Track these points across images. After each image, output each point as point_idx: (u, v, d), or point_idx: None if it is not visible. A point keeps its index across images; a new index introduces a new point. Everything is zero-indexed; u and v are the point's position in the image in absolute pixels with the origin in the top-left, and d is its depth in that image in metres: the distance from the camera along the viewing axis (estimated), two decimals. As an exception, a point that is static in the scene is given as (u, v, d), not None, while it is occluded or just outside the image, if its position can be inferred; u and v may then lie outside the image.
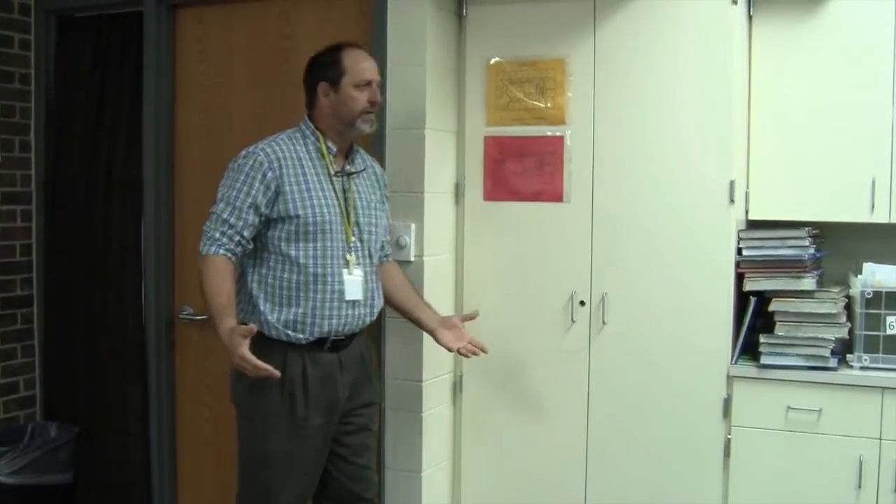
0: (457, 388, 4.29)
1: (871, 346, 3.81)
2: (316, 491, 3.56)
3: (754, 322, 3.95)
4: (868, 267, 3.92)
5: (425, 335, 3.87)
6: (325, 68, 3.46)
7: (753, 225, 4.05)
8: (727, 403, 3.87)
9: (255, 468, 3.42)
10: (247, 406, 3.44)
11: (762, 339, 3.86)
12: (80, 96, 4.75)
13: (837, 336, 3.81)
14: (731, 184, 3.82)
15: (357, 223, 3.48)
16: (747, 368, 3.86)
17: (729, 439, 3.88)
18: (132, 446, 4.69)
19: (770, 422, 3.83)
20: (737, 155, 3.89)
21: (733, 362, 3.88)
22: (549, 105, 4.08)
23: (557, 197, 4.07)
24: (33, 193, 4.93)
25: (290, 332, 3.36)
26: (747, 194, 4.07)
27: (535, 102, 4.10)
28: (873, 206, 3.92)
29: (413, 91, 3.99)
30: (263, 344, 3.31)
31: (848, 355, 3.86)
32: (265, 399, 3.36)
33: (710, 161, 3.84)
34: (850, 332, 3.85)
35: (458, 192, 4.24)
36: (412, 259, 4.02)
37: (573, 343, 4.07)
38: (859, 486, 3.72)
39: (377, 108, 3.50)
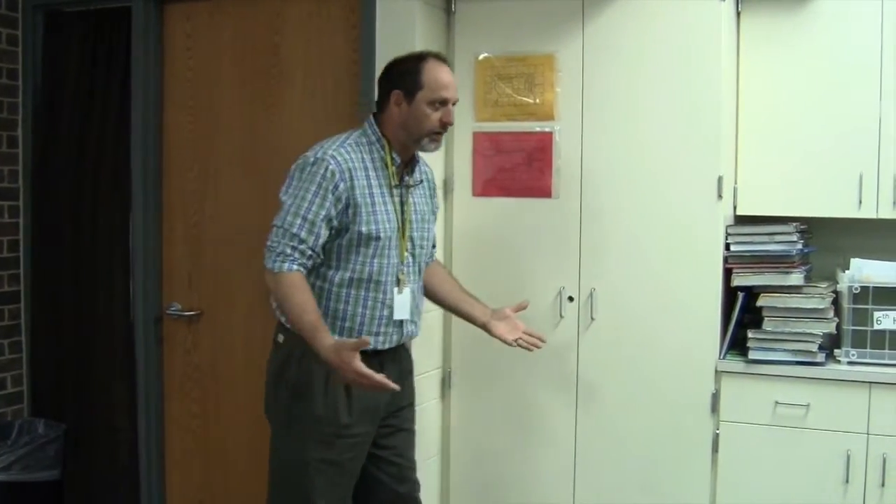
0: (446, 383, 4.29)
1: (859, 341, 3.82)
2: (362, 496, 3.45)
3: (742, 317, 3.96)
4: (855, 262, 3.93)
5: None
6: (402, 77, 3.30)
7: (741, 220, 4.06)
8: (715, 399, 3.88)
9: (293, 476, 3.30)
10: (286, 414, 3.31)
11: (750, 334, 3.88)
12: (67, 92, 4.73)
13: (825, 331, 3.84)
14: (720, 179, 3.83)
15: (411, 237, 3.38)
16: (735, 364, 3.88)
17: (717, 434, 3.89)
18: (120, 442, 4.68)
19: (758, 417, 3.85)
20: (725, 151, 3.90)
21: (721, 357, 3.89)
22: (537, 101, 4.09)
23: (546, 193, 4.07)
24: (20, 189, 4.91)
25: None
26: (735, 190, 4.08)
27: (523, 98, 4.10)
28: (860, 202, 3.94)
29: (402, 87, 4.00)
30: (307, 349, 3.19)
31: (836, 350, 3.88)
32: (308, 406, 3.25)
33: (698, 157, 3.85)
34: (838, 327, 3.87)
35: (447, 188, 4.23)
36: (401, 255, 4.01)
37: (562, 339, 4.08)
38: (847, 481, 3.73)
39: (447, 129, 3.37)
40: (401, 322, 3.38)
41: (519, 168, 4.11)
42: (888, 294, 3.81)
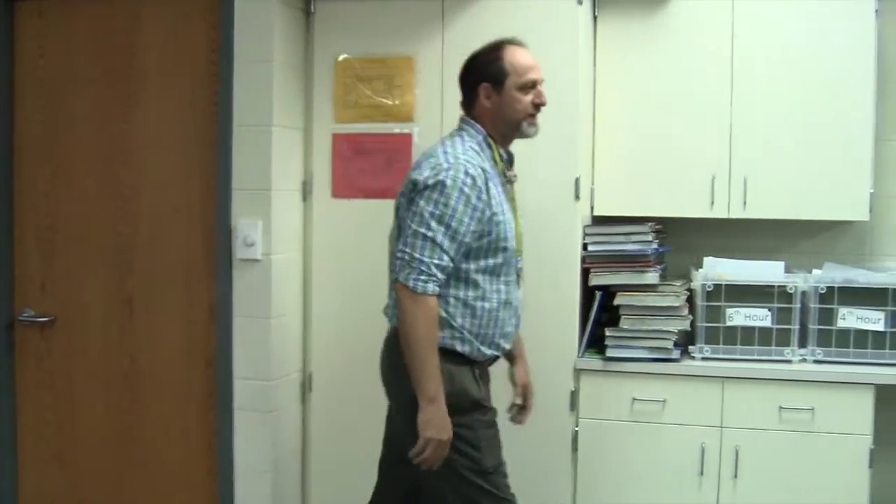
0: (306, 386, 4.26)
1: (712, 337, 3.93)
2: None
3: (600, 316, 4.02)
4: (708, 261, 4.05)
5: (273, 331, 3.85)
6: (486, 68, 3.23)
7: (598, 221, 4.13)
8: (574, 396, 3.94)
9: (485, 479, 3.18)
10: (467, 428, 3.16)
11: (607, 332, 3.94)
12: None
13: (680, 328, 3.92)
14: (577, 181, 3.89)
15: (520, 233, 3.30)
16: (593, 361, 3.94)
17: (576, 432, 3.94)
18: (-29, 453, 4.54)
19: (616, 413, 3.93)
20: (582, 152, 3.97)
21: (580, 356, 3.95)
22: (397, 102, 4.09)
23: (405, 194, 4.07)
24: None
25: (483, 347, 3.16)
26: (592, 191, 4.14)
27: (383, 100, 4.11)
28: (713, 202, 4.05)
29: (260, 88, 3.95)
30: (455, 361, 3.13)
31: (690, 347, 3.98)
32: (480, 414, 3.21)
33: (555, 158, 3.90)
34: (692, 324, 3.97)
35: (306, 190, 4.21)
36: (259, 258, 3.98)
37: (423, 340, 4.07)
38: (702, 473, 3.83)
39: (540, 110, 3.27)
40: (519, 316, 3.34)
41: (378, 169, 4.10)
42: (740, 291, 3.93)
